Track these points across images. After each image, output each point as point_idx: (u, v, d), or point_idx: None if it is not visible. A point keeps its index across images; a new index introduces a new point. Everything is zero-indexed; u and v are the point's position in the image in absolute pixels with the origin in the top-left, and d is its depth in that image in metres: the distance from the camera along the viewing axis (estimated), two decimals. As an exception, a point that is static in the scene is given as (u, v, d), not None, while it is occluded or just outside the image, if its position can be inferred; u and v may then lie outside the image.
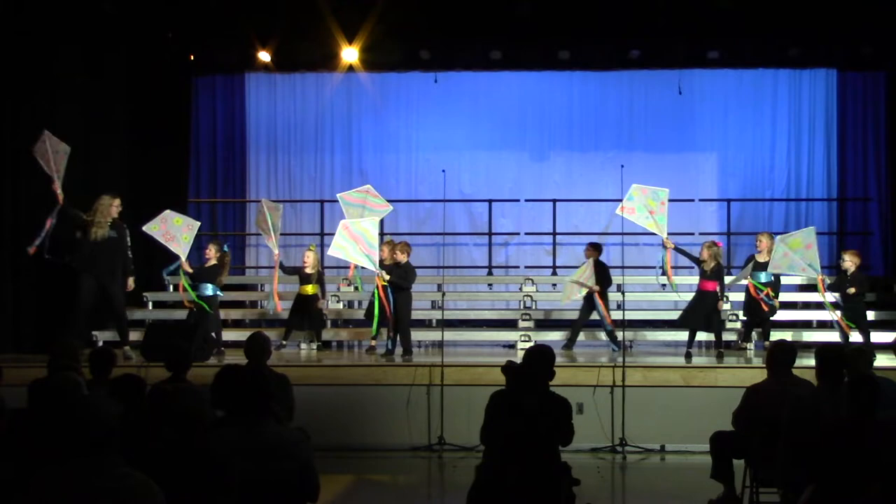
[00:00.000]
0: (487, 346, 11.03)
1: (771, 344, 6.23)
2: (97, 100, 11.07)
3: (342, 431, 8.33)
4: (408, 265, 9.70)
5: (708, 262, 9.67)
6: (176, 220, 9.65)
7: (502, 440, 4.88)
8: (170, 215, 9.65)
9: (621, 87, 13.48)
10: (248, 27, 11.76)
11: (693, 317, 9.78)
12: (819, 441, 4.17)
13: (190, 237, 9.60)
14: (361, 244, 9.26)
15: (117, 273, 9.26)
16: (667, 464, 8.25)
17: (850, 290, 9.55)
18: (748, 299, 10.06)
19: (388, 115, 13.61)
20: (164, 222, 9.58)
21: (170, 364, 5.98)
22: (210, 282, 9.56)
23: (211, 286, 9.56)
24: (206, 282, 9.55)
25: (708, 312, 9.67)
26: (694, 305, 9.81)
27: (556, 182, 13.53)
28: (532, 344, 5.92)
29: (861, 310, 9.79)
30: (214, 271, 9.63)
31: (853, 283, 9.60)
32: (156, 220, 9.58)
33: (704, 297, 9.69)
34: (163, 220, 9.59)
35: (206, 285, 9.54)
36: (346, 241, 9.27)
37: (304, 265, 10.29)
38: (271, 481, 3.67)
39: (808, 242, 9.48)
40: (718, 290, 9.62)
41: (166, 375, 5.93)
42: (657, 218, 9.56)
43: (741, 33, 11.91)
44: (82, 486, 2.79)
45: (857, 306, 9.70)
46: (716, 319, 9.72)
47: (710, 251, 9.69)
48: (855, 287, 9.56)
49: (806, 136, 13.35)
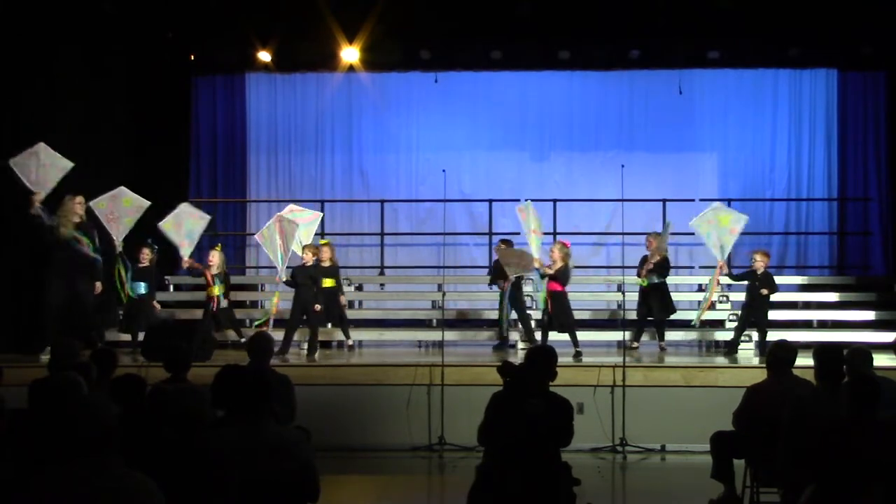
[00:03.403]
0: (488, 346, 11.02)
1: (771, 344, 6.22)
2: (97, 100, 11.07)
3: (342, 431, 8.33)
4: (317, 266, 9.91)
5: (557, 263, 9.69)
6: (126, 201, 9.46)
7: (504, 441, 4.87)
8: (121, 193, 9.46)
9: (621, 87, 13.48)
10: (248, 27, 11.77)
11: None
12: (819, 441, 4.17)
13: (133, 221, 9.45)
14: (283, 242, 9.34)
15: (83, 275, 9.13)
16: (667, 464, 8.25)
17: (763, 291, 9.67)
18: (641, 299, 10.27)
19: (388, 115, 13.60)
20: (114, 200, 9.40)
21: (170, 364, 5.97)
22: (146, 281, 9.78)
23: (143, 284, 9.73)
24: (142, 280, 9.75)
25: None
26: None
27: (557, 182, 13.52)
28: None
29: (766, 309, 9.89)
30: (147, 270, 9.80)
31: (764, 285, 9.71)
32: (104, 197, 9.41)
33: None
34: (113, 197, 9.41)
35: (140, 284, 9.71)
36: (273, 232, 9.39)
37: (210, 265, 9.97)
38: (271, 481, 3.67)
39: (734, 228, 9.65)
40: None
41: (166, 375, 5.93)
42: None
43: (741, 33, 11.91)
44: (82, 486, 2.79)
45: (764, 306, 9.81)
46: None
47: (561, 252, 9.73)
48: (767, 289, 9.69)
49: (806, 136, 13.35)
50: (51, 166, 9.02)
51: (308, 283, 9.74)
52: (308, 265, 9.81)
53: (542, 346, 5.27)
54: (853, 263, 13.12)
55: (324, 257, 10.22)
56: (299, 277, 9.76)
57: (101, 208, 9.33)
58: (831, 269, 13.16)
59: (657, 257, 10.15)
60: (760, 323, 9.79)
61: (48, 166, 9.00)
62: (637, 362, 9.18)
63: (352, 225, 13.50)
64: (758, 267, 9.79)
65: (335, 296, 10.25)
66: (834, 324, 11.49)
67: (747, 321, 9.90)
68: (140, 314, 9.77)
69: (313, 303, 9.71)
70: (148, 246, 9.86)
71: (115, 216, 9.34)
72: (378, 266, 13.11)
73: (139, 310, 9.78)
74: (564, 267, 9.64)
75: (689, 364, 9.15)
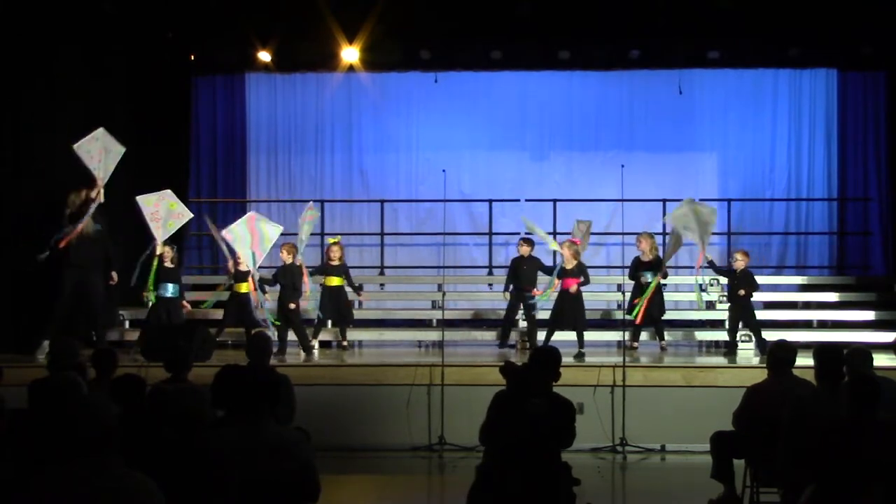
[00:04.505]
0: (487, 346, 11.02)
1: (771, 344, 6.23)
2: (97, 100, 11.06)
3: (342, 431, 8.33)
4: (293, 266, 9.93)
5: (569, 261, 9.79)
6: (171, 204, 9.44)
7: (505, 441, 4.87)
8: (168, 195, 9.45)
9: (621, 87, 13.47)
10: (248, 27, 11.76)
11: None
12: (819, 441, 4.17)
13: (175, 226, 9.45)
14: (255, 241, 9.36)
15: (98, 268, 9.17)
16: (667, 464, 8.25)
17: (741, 292, 9.69)
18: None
19: (388, 115, 13.60)
20: (161, 200, 9.36)
21: (169, 364, 5.98)
22: (174, 282, 9.66)
23: (171, 286, 9.63)
24: (169, 281, 9.61)
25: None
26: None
27: (557, 182, 13.52)
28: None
29: (751, 307, 9.91)
30: (173, 271, 9.70)
31: (743, 285, 9.74)
32: (152, 195, 9.37)
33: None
34: (161, 197, 9.37)
35: (167, 285, 9.58)
36: (244, 230, 9.39)
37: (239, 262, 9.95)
38: (271, 481, 3.67)
39: (711, 219, 9.70)
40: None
41: (166, 375, 5.93)
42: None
43: (741, 33, 11.90)
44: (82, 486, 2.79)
45: (747, 304, 9.83)
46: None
47: (571, 250, 9.80)
48: (745, 289, 9.71)
49: (806, 135, 13.34)
50: (109, 151, 8.99)
51: (288, 282, 9.76)
52: (287, 264, 9.83)
53: (546, 347, 5.28)
54: (853, 263, 13.11)
55: (333, 256, 10.24)
56: (281, 278, 9.79)
57: (148, 205, 9.28)
58: (831, 269, 13.16)
59: (650, 257, 10.12)
60: (749, 324, 9.79)
61: (107, 151, 8.97)
62: (637, 362, 9.17)
63: (352, 225, 13.49)
64: (738, 266, 9.80)
65: (341, 294, 10.26)
66: (834, 324, 11.49)
67: (736, 321, 9.89)
68: (170, 315, 9.60)
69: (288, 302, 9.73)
70: (169, 246, 9.83)
71: (159, 216, 9.30)
72: (378, 266, 13.11)
73: (168, 311, 9.62)
74: (580, 264, 9.76)
75: (689, 364, 9.16)
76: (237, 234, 9.40)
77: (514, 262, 10.53)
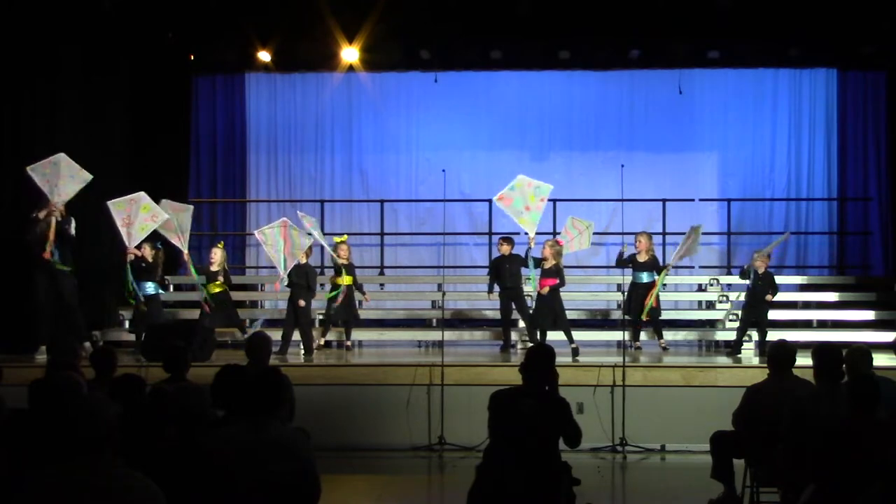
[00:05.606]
0: (488, 346, 11.02)
1: (771, 344, 6.23)
2: (97, 100, 11.06)
3: (342, 431, 8.33)
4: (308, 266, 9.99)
5: (549, 260, 9.73)
6: (144, 207, 9.26)
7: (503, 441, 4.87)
8: (142, 198, 9.30)
9: (621, 87, 13.48)
10: (248, 27, 11.77)
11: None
12: (819, 441, 4.17)
13: (149, 229, 9.31)
14: (288, 247, 9.37)
15: (66, 274, 9.16)
16: (667, 464, 8.24)
17: (769, 297, 9.72)
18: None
19: (388, 114, 13.60)
20: (132, 204, 9.20)
21: (170, 364, 5.98)
22: (153, 280, 9.69)
23: (152, 284, 9.65)
24: (149, 280, 9.65)
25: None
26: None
27: (557, 182, 13.46)
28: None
29: (767, 309, 9.88)
30: (151, 269, 9.70)
31: (766, 286, 9.73)
32: (123, 200, 9.24)
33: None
34: (132, 201, 9.21)
35: (146, 284, 9.61)
36: (278, 236, 9.38)
37: (211, 262, 9.89)
38: (272, 481, 3.67)
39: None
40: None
41: (166, 375, 5.93)
42: (531, 214, 9.63)
43: (741, 33, 11.90)
44: (81, 486, 2.79)
45: (765, 306, 9.82)
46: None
47: (553, 249, 9.75)
48: (771, 294, 9.72)
49: (806, 135, 13.35)
50: (70, 178, 8.93)
51: (302, 281, 9.76)
52: (301, 264, 9.83)
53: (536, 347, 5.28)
54: (853, 263, 13.12)
55: (341, 255, 10.23)
56: (294, 277, 9.78)
57: (120, 210, 9.16)
58: (831, 269, 13.17)
59: (646, 257, 10.10)
60: (761, 323, 9.79)
61: (67, 178, 8.91)
62: (637, 362, 9.17)
63: (351, 225, 13.48)
64: (758, 266, 9.79)
65: (352, 294, 10.25)
66: (834, 324, 11.50)
67: (749, 321, 9.89)
68: (149, 315, 9.61)
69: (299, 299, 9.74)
70: (150, 244, 9.80)
71: (129, 221, 9.18)
72: (378, 266, 13.11)
73: (149, 310, 9.64)
74: (557, 265, 9.69)
75: (689, 364, 9.14)
76: (270, 238, 9.39)
77: (496, 262, 10.50)
